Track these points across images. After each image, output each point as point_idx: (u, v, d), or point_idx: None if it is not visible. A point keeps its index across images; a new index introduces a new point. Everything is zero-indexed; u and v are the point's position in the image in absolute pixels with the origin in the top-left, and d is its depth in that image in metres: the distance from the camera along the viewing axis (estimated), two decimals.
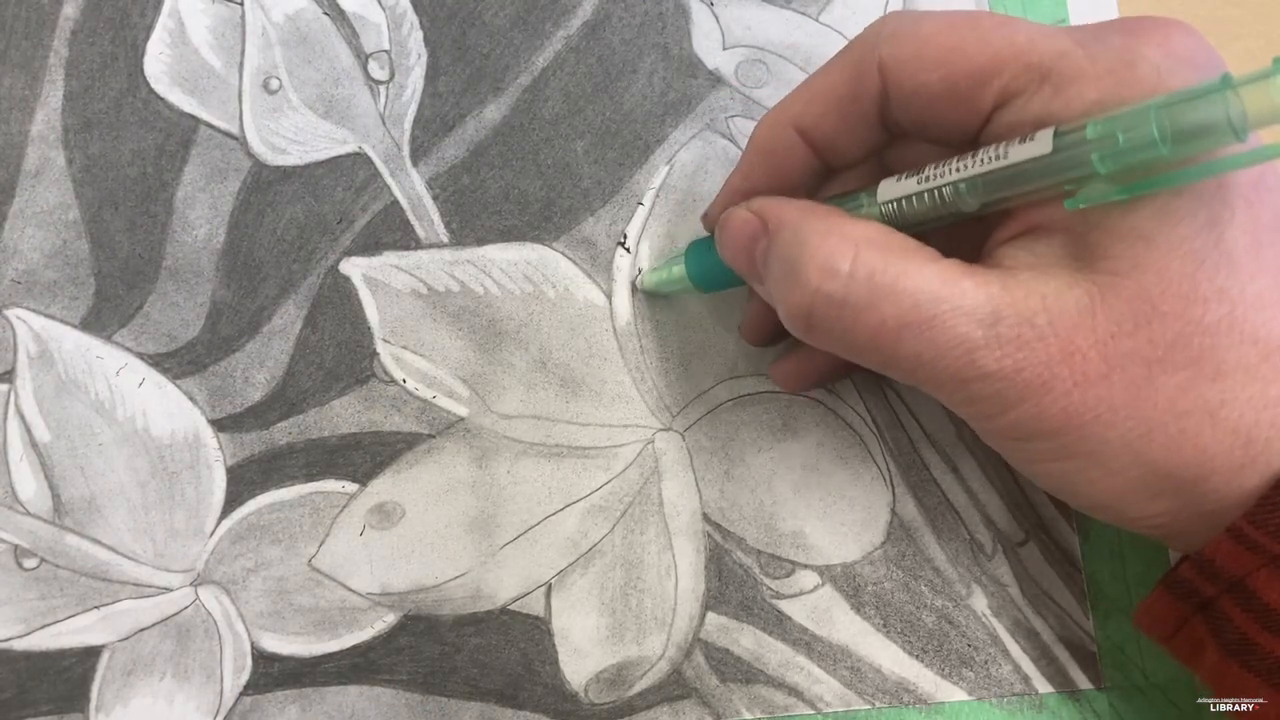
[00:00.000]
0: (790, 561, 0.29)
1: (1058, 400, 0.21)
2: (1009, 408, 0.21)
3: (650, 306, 0.30)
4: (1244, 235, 0.20)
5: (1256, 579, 0.21)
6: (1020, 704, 0.28)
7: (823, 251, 0.22)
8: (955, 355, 0.21)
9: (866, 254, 0.21)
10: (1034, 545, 0.29)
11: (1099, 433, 0.21)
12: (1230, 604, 0.22)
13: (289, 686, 0.28)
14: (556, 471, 0.29)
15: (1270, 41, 0.32)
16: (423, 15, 0.31)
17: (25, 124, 0.31)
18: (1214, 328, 0.20)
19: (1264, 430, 0.20)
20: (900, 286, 0.21)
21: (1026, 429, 0.22)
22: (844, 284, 0.21)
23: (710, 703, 0.28)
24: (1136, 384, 0.20)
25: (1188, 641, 0.23)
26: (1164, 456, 0.21)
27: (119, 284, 0.30)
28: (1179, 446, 0.21)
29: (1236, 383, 0.20)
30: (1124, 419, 0.21)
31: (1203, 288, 0.20)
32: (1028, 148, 0.20)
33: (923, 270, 0.21)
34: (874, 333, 0.21)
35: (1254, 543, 0.21)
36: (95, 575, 0.29)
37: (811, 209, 0.23)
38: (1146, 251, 0.20)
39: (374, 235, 0.30)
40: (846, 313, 0.22)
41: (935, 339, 0.21)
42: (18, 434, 0.29)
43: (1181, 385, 0.20)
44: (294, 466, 0.29)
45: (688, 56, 0.31)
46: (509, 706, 0.28)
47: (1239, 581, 0.21)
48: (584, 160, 0.31)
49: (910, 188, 0.22)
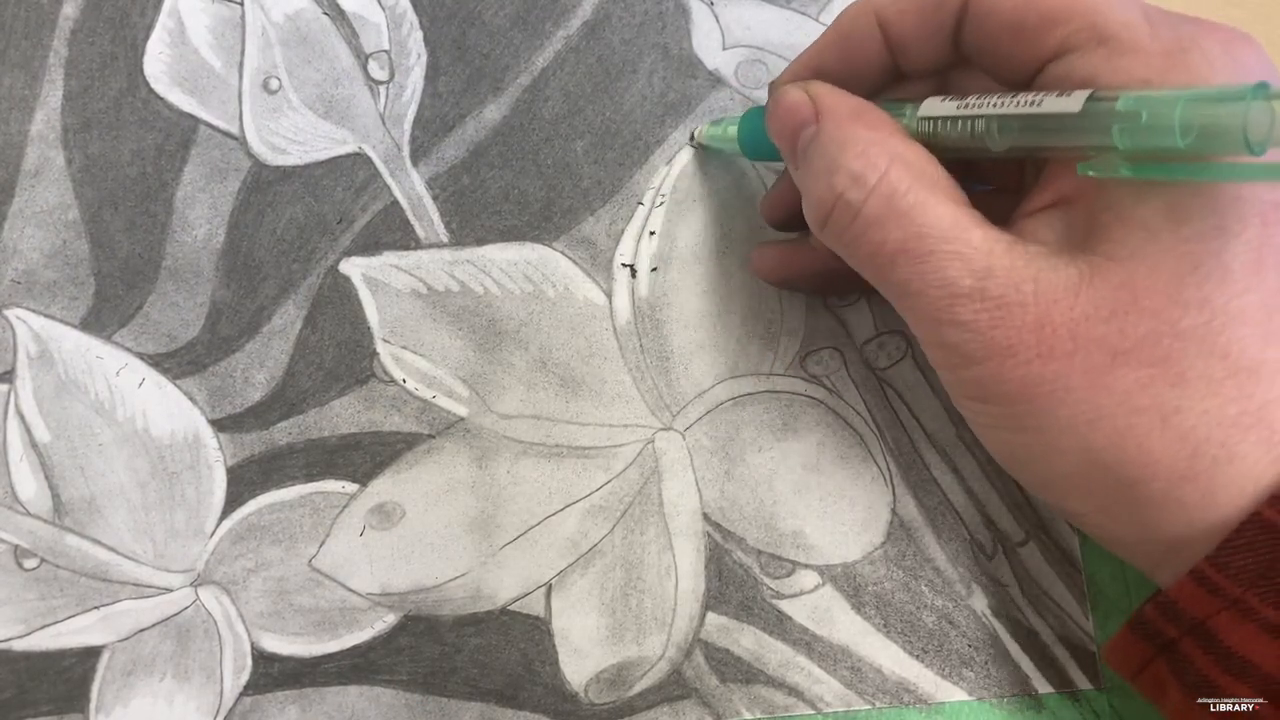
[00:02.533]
0: (790, 561, 0.29)
1: (1019, 367, 0.21)
2: (973, 362, 0.22)
3: (650, 305, 0.30)
4: (1248, 251, 0.20)
5: (1217, 622, 0.21)
6: (1020, 704, 0.28)
7: (858, 159, 0.22)
8: (938, 295, 0.21)
9: (897, 173, 0.22)
10: (1034, 545, 0.29)
11: (1050, 409, 0.21)
12: (1192, 646, 0.21)
13: (289, 687, 0.28)
14: (556, 471, 0.29)
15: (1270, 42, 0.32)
16: (422, 15, 0.31)
17: (25, 124, 0.31)
18: (1187, 333, 0.20)
19: (1213, 447, 0.20)
20: (912, 215, 0.21)
21: (985, 389, 0.22)
22: (865, 196, 0.22)
23: (710, 703, 0.28)
24: (1097, 369, 0.20)
25: (1152, 681, 0.23)
26: (1107, 448, 0.21)
27: (119, 284, 0.30)
28: (1124, 441, 0.21)
29: (1196, 392, 0.20)
30: (1076, 400, 0.21)
31: (1188, 292, 0.20)
32: (1061, 102, 0.20)
33: (940, 206, 0.21)
34: (874, 249, 0.22)
35: (1215, 586, 0.21)
36: (95, 575, 0.29)
37: (863, 110, 0.23)
38: (1146, 243, 0.20)
39: (374, 235, 0.30)
40: (858, 224, 0.22)
41: (925, 273, 0.21)
42: (18, 434, 0.29)
43: (1141, 382, 0.20)
44: (294, 467, 0.29)
45: (688, 56, 0.31)
46: (509, 707, 0.28)
47: (1200, 624, 0.21)
48: (584, 160, 0.31)
49: (949, 110, 0.22)
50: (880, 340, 0.30)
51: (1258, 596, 0.20)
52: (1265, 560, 0.20)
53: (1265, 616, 0.20)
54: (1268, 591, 0.20)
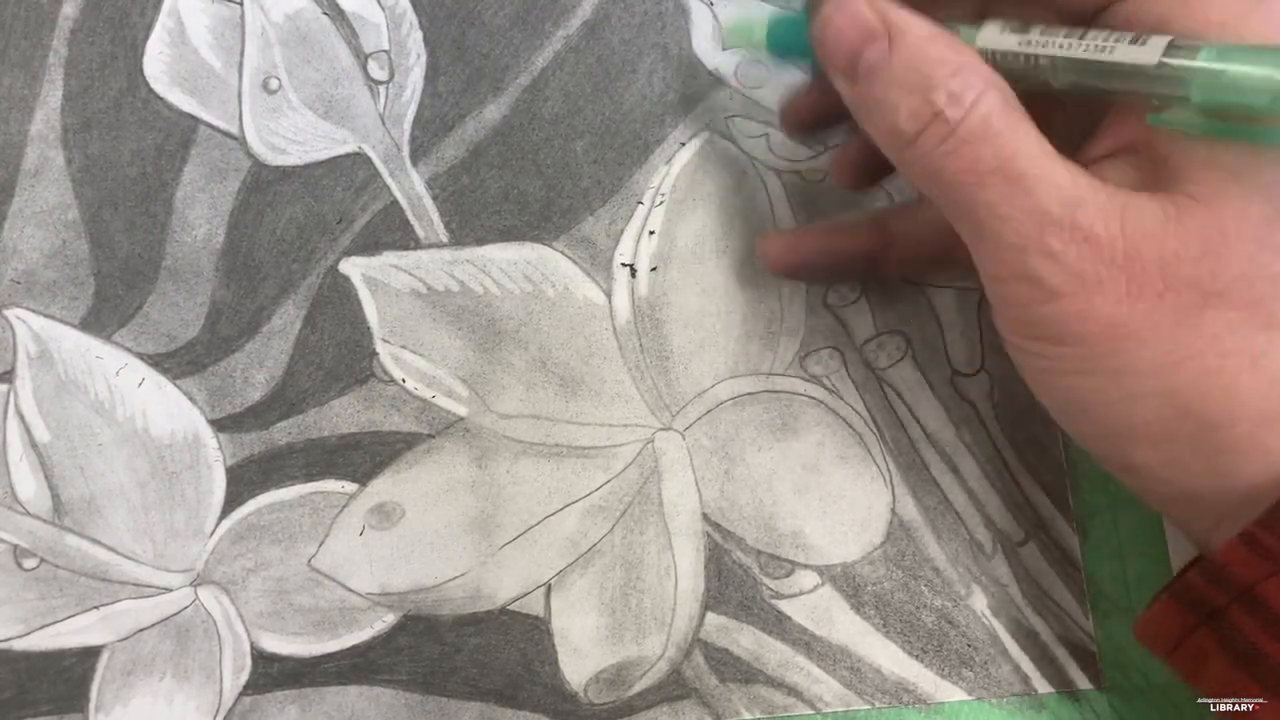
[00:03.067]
0: (790, 561, 0.29)
1: (1106, 304, 0.20)
2: (1056, 296, 0.21)
3: (650, 304, 0.30)
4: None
5: (1267, 586, 0.20)
6: (1020, 704, 0.28)
7: (954, 78, 0.21)
8: (1028, 221, 0.21)
9: (992, 96, 0.21)
10: (1034, 545, 0.29)
11: (1133, 349, 0.20)
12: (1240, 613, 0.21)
13: (288, 686, 0.28)
14: (556, 471, 0.29)
15: None
16: (422, 15, 0.31)
17: (25, 123, 0.31)
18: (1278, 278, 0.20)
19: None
20: (1007, 137, 0.21)
21: (1063, 328, 0.21)
22: (963, 114, 0.21)
23: (710, 703, 0.28)
24: (1187, 310, 0.20)
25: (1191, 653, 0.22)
26: (1192, 391, 0.20)
27: (119, 284, 0.30)
28: (1209, 383, 0.20)
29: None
30: (1163, 341, 0.20)
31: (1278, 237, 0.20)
32: (1135, 51, 0.20)
33: (1031, 133, 0.21)
34: (966, 168, 0.21)
35: (1266, 549, 0.20)
36: (95, 575, 0.29)
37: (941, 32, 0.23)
38: (1231, 185, 0.20)
39: (373, 235, 0.30)
40: (951, 142, 0.21)
41: (1016, 196, 0.21)
42: (17, 434, 0.29)
43: (1231, 324, 0.20)
44: (294, 466, 0.29)
45: (687, 56, 0.31)
46: (509, 706, 0.28)
47: (1249, 589, 0.21)
48: (584, 160, 0.31)
49: (1009, 44, 0.22)
50: (880, 340, 0.30)
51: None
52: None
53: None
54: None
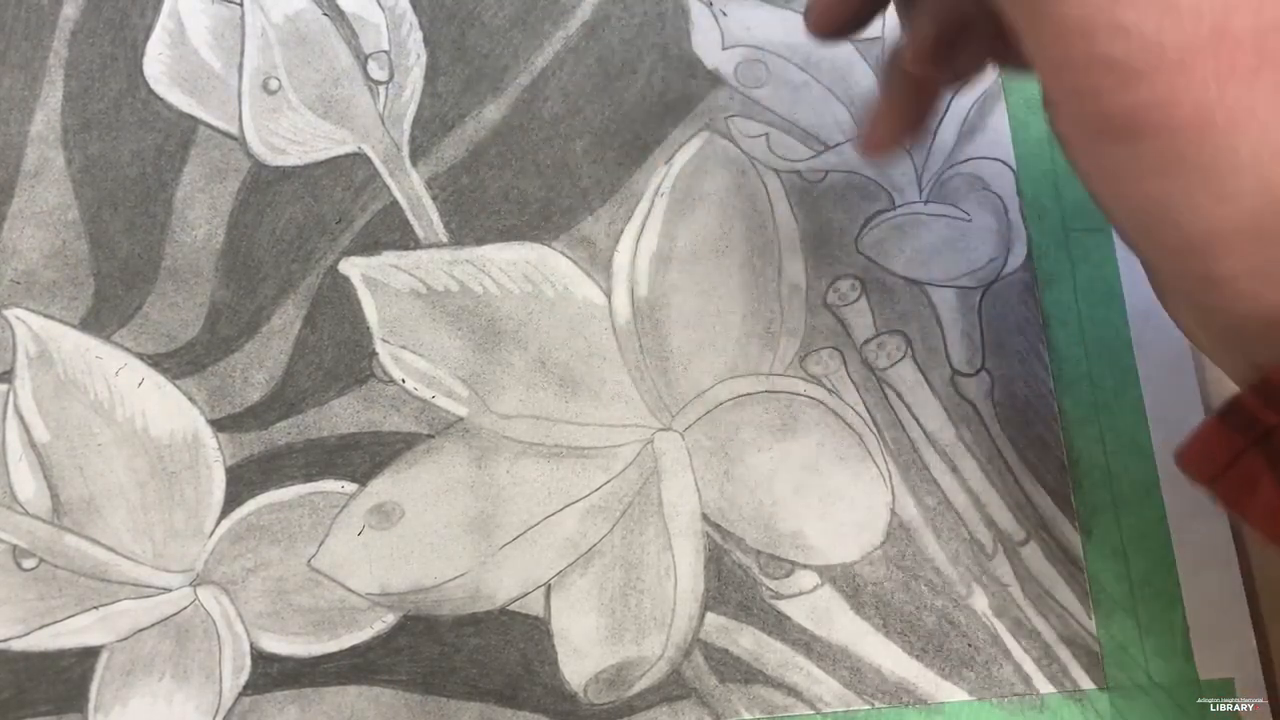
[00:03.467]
0: (790, 561, 0.29)
1: (1192, 87, 0.18)
2: (1133, 80, 0.18)
3: (650, 305, 0.30)
4: None
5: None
6: (1021, 704, 0.28)
7: None
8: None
9: None
10: (1035, 545, 0.29)
11: (1227, 140, 0.18)
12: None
13: (288, 687, 0.28)
14: (556, 471, 0.29)
15: None
16: (422, 15, 0.31)
17: (25, 124, 0.31)
18: None
19: None
20: None
21: (1142, 118, 0.18)
22: None
23: (709, 703, 0.28)
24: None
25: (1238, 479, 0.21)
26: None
27: (118, 284, 0.30)
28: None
29: None
30: (1261, 128, 0.18)
31: None
32: None
33: None
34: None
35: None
36: (94, 575, 0.29)
37: None
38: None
39: (373, 235, 0.30)
40: None
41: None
42: (17, 434, 0.29)
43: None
44: (293, 467, 0.29)
45: (687, 56, 0.31)
46: (508, 707, 0.28)
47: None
48: (583, 160, 0.31)
49: None
50: (880, 340, 0.30)
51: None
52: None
53: None
54: None
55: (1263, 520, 0.21)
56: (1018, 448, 0.29)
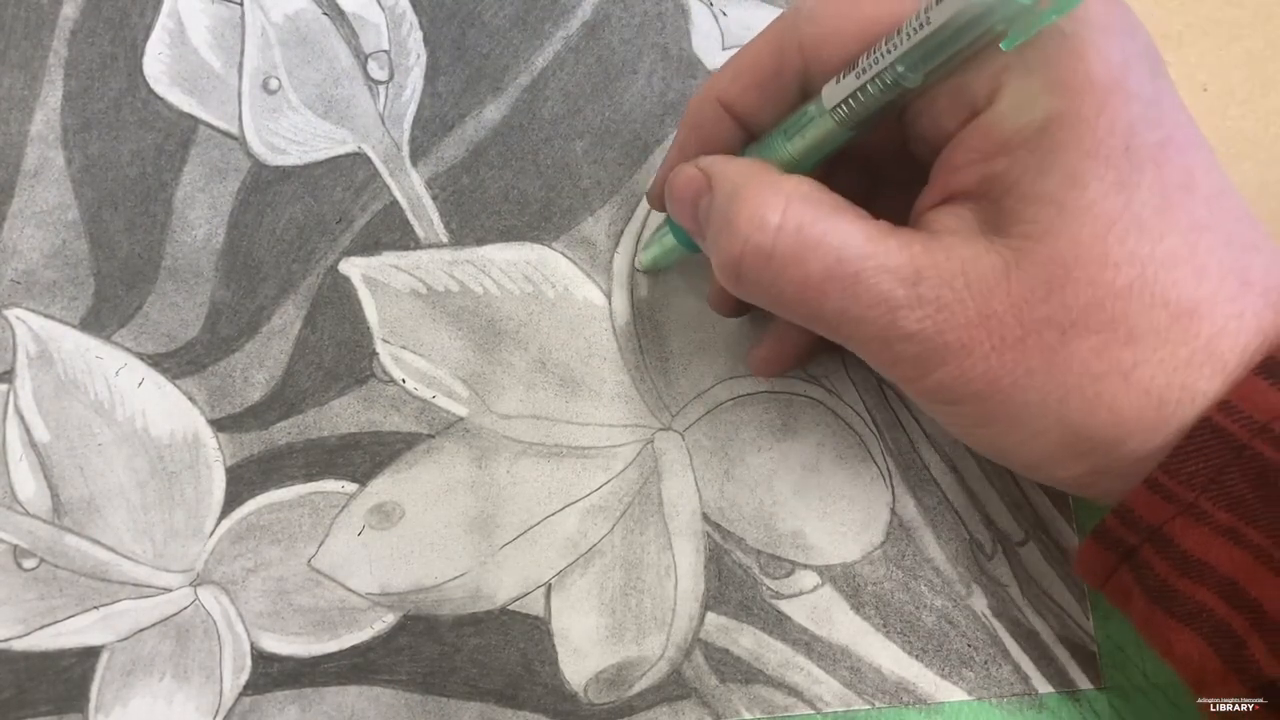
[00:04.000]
0: (790, 561, 0.29)
1: (978, 364, 0.21)
2: (931, 369, 0.22)
3: (650, 305, 0.30)
4: (1153, 197, 0.20)
5: (1173, 527, 0.21)
6: (1020, 704, 0.28)
7: (754, 204, 0.22)
8: (878, 314, 0.21)
9: (796, 208, 0.22)
10: (1034, 545, 0.29)
11: (1019, 396, 0.21)
12: (1150, 552, 0.22)
13: (288, 687, 0.28)
14: (556, 471, 0.29)
15: (1270, 42, 0.32)
16: (422, 15, 0.31)
17: (25, 124, 0.31)
18: (1125, 291, 0.20)
19: (1175, 392, 0.21)
20: (827, 241, 0.21)
21: (951, 392, 0.22)
22: (772, 236, 0.22)
23: (710, 703, 0.28)
24: (1052, 348, 0.21)
25: (1118, 589, 0.24)
26: (1081, 418, 0.21)
27: (118, 284, 0.30)
28: (1094, 409, 0.21)
29: (1148, 345, 0.21)
30: (1041, 382, 0.21)
31: (1114, 252, 0.20)
32: (942, 8, 0.20)
33: (850, 226, 0.22)
34: (800, 286, 0.22)
35: (1169, 492, 0.21)
36: (94, 575, 0.29)
37: (751, 165, 0.24)
38: (1058, 217, 0.20)
39: (373, 235, 0.30)
40: (774, 264, 0.22)
41: (859, 295, 0.21)
42: (17, 434, 0.29)
43: (1095, 349, 0.21)
44: (293, 466, 0.29)
45: (687, 56, 0.31)
46: (509, 706, 0.28)
47: (1157, 530, 0.22)
48: (583, 160, 0.31)
49: (851, 84, 0.22)
50: None
51: (1210, 500, 0.21)
52: (1216, 465, 0.21)
53: (1218, 519, 0.21)
54: (1219, 495, 0.21)
55: (1140, 625, 0.23)
56: None
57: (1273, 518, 0.20)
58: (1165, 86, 0.21)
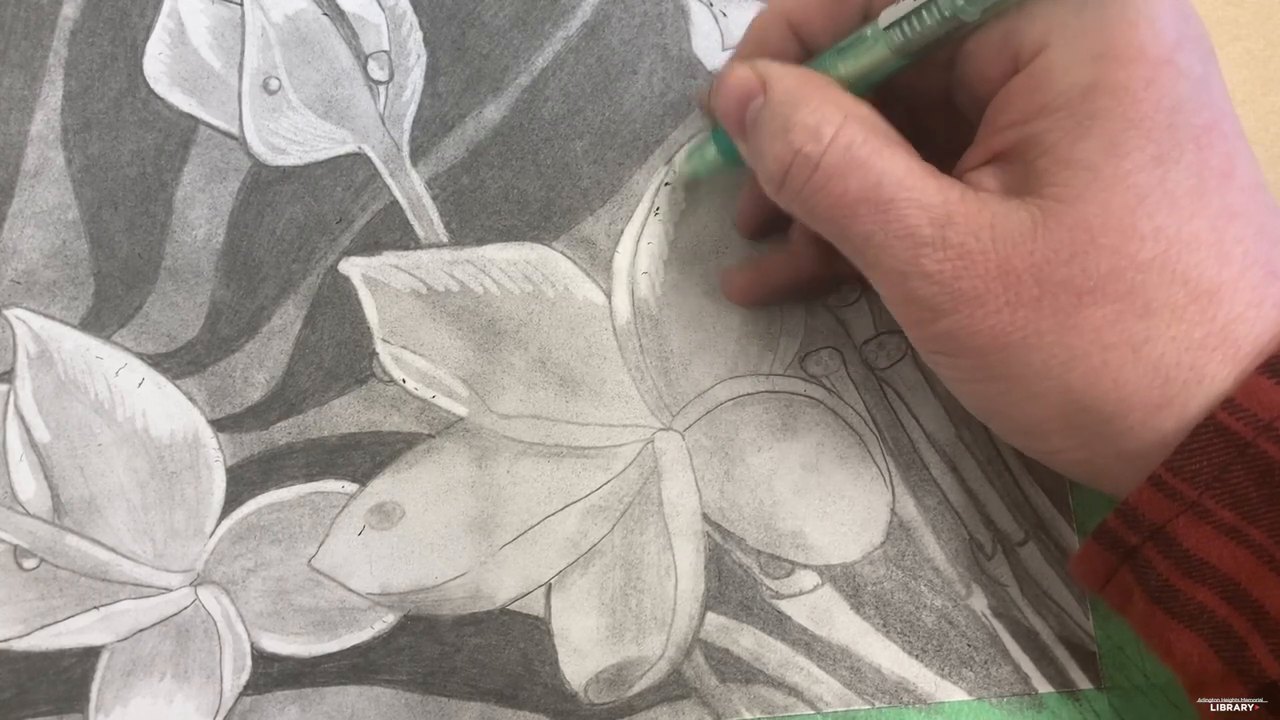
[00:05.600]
0: (790, 561, 0.29)
1: (988, 316, 0.21)
2: (941, 315, 0.22)
3: (650, 305, 0.30)
4: (1189, 177, 0.20)
5: (1176, 526, 0.21)
6: (1020, 704, 0.28)
7: (813, 114, 0.22)
8: (902, 246, 0.22)
9: (851, 126, 0.22)
10: (1034, 545, 0.29)
11: (1024, 355, 0.21)
12: (1152, 551, 0.22)
13: (289, 687, 0.28)
14: (556, 471, 0.29)
15: (1270, 42, 0.32)
16: (422, 16, 0.31)
17: (25, 124, 0.31)
18: (1147, 265, 0.20)
19: (1183, 372, 0.21)
20: (871, 164, 0.22)
21: (955, 342, 0.22)
22: (823, 148, 0.22)
23: (710, 703, 0.28)
24: (1065, 311, 0.21)
25: (1118, 591, 0.24)
26: (1083, 387, 0.21)
27: (118, 284, 0.30)
28: (1099, 378, 0.21)
29: (1162, 321, 0.21)
30: (1049, 344, 0.21)
31: (1141, 225, 0.20)
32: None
33: (896, 157, 0.22)
34: (835, 201, 0.22)
35: (1173, 490, 0.21)
36: (95, 575, 0.29)
37: (810, 75, 0.24)
38: (1091, 182, 0.20)
39: (373, 235, 0.30)
40: (818, 176, 0.22)
41: (888, 223, 0.22)
42: (17, 434, 0.29)
43: (1109, 318, 0.21)
44: (293, 466, 0.29)
45: (687, 57, 0.31)
46: (509, 706, 0.28)
47: (1160, 529, 0.22)
48: (583, 160, 0.31)
49: (909, 5, 0.22)
50: (880, 340, 0.30)
51: (1213, 498, 0.21)
52: (1219, 463, 0.21)
53: (1221, 518, 0.21)
54: (1223, 493, 0.21)
55: (1140, 628, 0.23)
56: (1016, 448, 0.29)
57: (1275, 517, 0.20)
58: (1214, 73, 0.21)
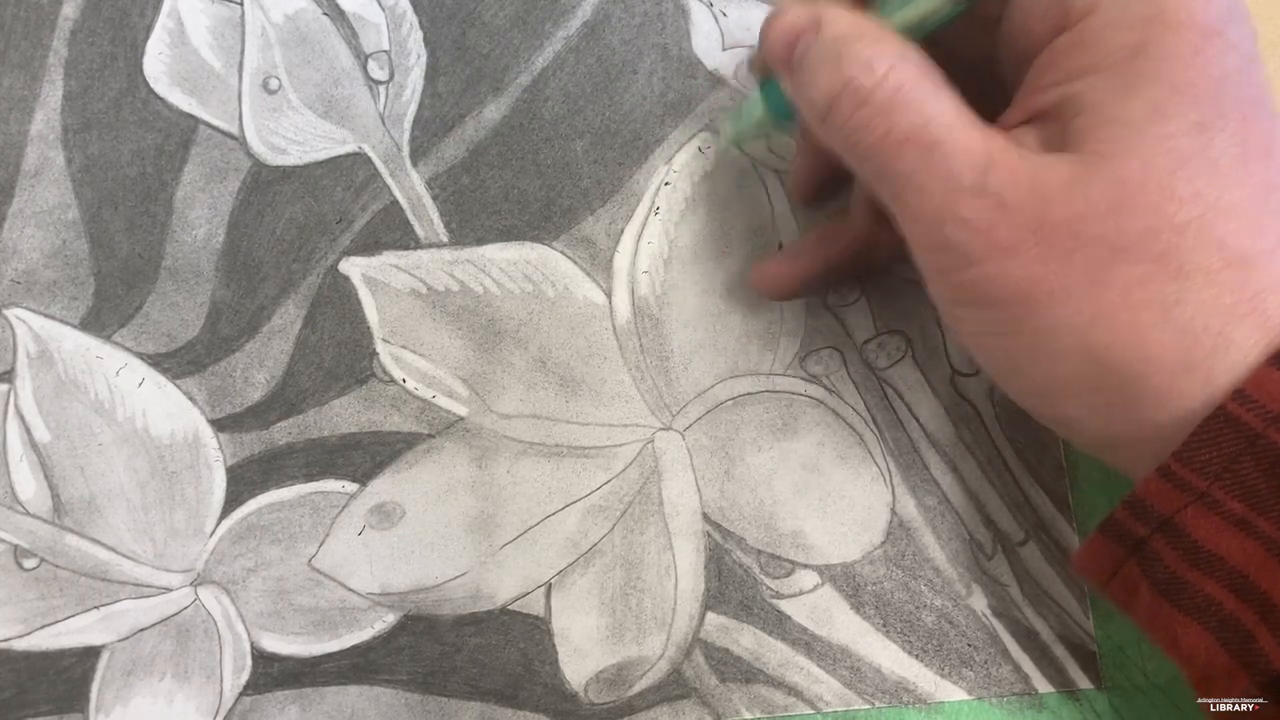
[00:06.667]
0: (790, 561, 0.29)
1: (1020, 267, 0.21)
2: (972, 263, 0.22)
3: (650, 304, 0.30)
4: (1231, 146, 0.20)
5: (1185, 516, 0.21)
6: (1020, 704, 0.28)
7: (867, 50, 0.22)
8: (941, 190, 0.22)
9: (904, 66, 0.22)
10: (1034, 545, 0.29)
11: (1050, 310, 0.21)
12: (1161, 543, 0.22)
13: (289, 686, 0.28)
14: (556, 471, 0.29)
15: (1270, 42, 0.32)
16: (422, 15, 0.31)
17: (25, 124, 0.31)
18: (1183, 227, 0.20)
19: (1210, 336, 0.21)
20: (920, 105, 0.22)
21: (983, 291, 0.22)
22: (875, 83, 0.22)
23: (710, 703, 0.28)
24: (1098, 267, 0.21)
25: (1123, 585, 0.23)
26: (1108, 345, 0.21)
27: (119, 284, 0.30)
28: (1125, 338, 0.21)
29: (1195, 284, 0.20)
30: (1077, 300, 0.21)
31: (1180, 187, 0.20)
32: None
33: (945, 102, 0.22)
34: (880, 138, 0.22)
35: (1182, 481, 0.21)
36: (95, 575, 0.29)
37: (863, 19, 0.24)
38: (1134, 140, 0.20)
39: (373, 235, 0.30)
40: (865, 111, 0.22)
41: (930, 164, 0.22)
42: (17, 434, 0.29)
43: (1140, 277, 0.21)
44: (294, 466, 0.29)
45: (687, 57, 0.31)
46: (509, 706, 0.28)
47: (1169, 520, 0.22)
48: (584, 160, 0.31)
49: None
50: (880, 340, 0.30)
51: (1223, 489, 0.21)
52: (1229, 453, 0.20)
53: (1230, 509, 0.21)
54: (1232, 484, 0.21)
55: (1145, 622, 0.23)
56: (1017, 448, 0.29)
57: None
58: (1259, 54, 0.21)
